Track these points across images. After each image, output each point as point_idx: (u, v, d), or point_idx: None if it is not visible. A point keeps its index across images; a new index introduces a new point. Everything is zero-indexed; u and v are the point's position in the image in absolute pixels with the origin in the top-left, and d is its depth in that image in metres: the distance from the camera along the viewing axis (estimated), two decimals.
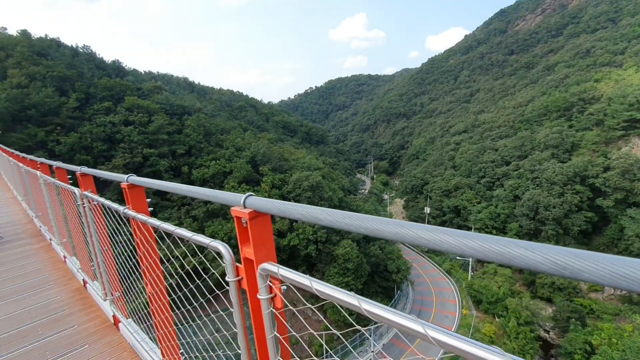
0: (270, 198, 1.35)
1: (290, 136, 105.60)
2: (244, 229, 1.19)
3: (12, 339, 3.17)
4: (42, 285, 4.29)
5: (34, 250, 5.67)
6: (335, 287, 0.87)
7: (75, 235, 4.13)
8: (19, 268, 4.94)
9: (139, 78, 71.87)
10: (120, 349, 2.89)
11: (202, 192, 1.37)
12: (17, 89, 43.15)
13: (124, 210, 2.02)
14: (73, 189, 3.20)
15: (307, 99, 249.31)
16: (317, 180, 48.06)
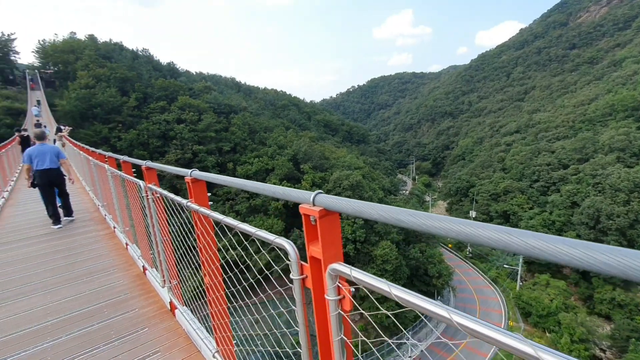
0: None
1: (331, 135, 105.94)
2: (312, 227, 1.17)
3: (83, 317, 3.48)
4: (107, 269, 4.68)
5: (100, 236, 6.20)
6: (419, 295, 0.81)
7: (137, 224, 4.45)
8: (88, 252, 5.43)
9: (191, 79, 76.14)
10: (176, 335, 3.05)
11: (269, 189, 1.37)
12: (85, 89, 47.74)
13: (187, 203, 2.12)
14: (138, 182, 3.44)
15: (348, 97, 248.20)
16: (357, 180, 47.81)
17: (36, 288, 4.25)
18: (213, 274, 2.14)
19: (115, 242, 5.83)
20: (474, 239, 0.66)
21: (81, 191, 10.69)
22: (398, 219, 0.82)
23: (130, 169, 4.32)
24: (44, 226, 7.20)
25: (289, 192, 1.28)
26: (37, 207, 8.86)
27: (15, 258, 5.41)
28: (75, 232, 6.58)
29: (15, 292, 4.18)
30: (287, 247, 1.26)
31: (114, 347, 2.95)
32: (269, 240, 1.33)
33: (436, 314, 0.76)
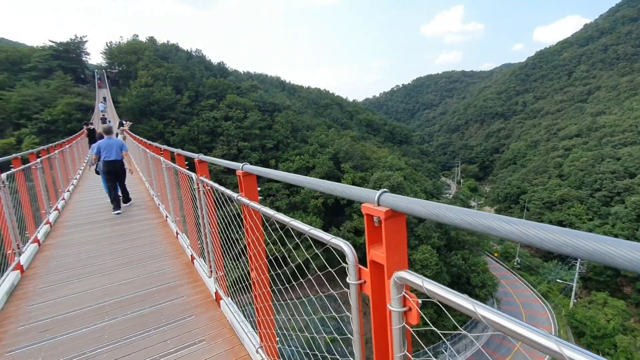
0: None
1: (373, 135, 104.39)
2: (375, 229, 1.07)
3: (137, 300, 3.69)
4: (159, 256, 4.94)
5: (154, 224, 6.60)
6: (514, 320, 0.68)
7: (187, 214, 4.64)
8: (143, 238, 5.79)
9: (239, 78, 79.10)
10: (221, 325, 3.12)
11: (326, 186, 1.29)
12: (145, 88, 51.48)
13: (237, 197, 2.13)
14: (190, 174, 3.57)
15: (392, 97, 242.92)
16: (398, 181, 46.76)
17: (98, 269, 4.60)
18: (260, 269, 2.13)
19: (167, 230, 6.17)
20: None
21: (138, 181, 11.50)
22: (489, 226, 0.70)
23: (184, 161, 4.53)
24: (105, 212, 7.82)
25: (349, 190, 1.19)
26: (100, 194, 9.68)
27: (81, 240, 5.92)
28: (132, 219, 7.07)
29: (81, 272, 4.55)
30: (345, 248, 1.17)
31: (163, 331, 3.08)
32: (324, 239, 1.26)
33: (542, 345, 0.64)
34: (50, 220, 6.93)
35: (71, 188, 10.74)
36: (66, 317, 3.40)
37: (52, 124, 40.60)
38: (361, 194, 1.12)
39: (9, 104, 41.46)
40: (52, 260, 5.03)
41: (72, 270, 4.63)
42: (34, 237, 5.65)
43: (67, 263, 4.89)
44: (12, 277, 4.23)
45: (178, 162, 4.55)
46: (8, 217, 4.51)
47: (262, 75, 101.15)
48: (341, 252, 1.19)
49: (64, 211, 8.14)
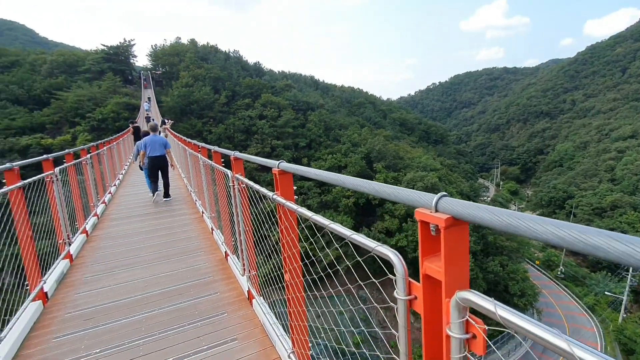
0: None
1: (407, 134, 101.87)
2: (431, 238, 0.93)
3: (174, 294, 3.77)
4: (196, 251, 5.05)
5: (191, 219, 6.79)
6: None
7: (222, 211, 4.70)
8: (181, 233, 5.97)
9: (274, 77, 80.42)
10: (253, 325, 3.09)
11: (372, 187, 1.15)
12: (185, 88, 53.79)
13: (272, 195, 2.06)
14: (226, 171, 3.59)
15: (428, 95, 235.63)
16: (432, 182, 45.33)
17: (139, 261, 4.78)
18: (295, 272, 2.05)
19: (202, 226, 6.31)
20: None
21: (178, 177, 11.98)
22: (593, 245, 0.59)
23: (220, 159, 4.59)
24: (146, 206, 8.19)
25: (401, 193, 1.05)
26: (143, 189, 10.18)
27: (124, 232, 6.22)
28: (171, 214, 7.33)
29: (123, 263, 4.76)
30: (393, 258, 1.04)
31: (197, 327, 3.11)
32: (368, 247, 1.13)
33: None
34: (98, 212, 7.36)
35: (117, 182, 11.39)
36: (108, 307, 3.55)
37: (102, 122, 43.59)
38: (415, 198, 0.97)
39: (66, 104, 45.06)
40: (98, 251, 5.32)
41: (116, 261, 4.85)
42: (82, 228, 6.01)
43: (112, 254, 5.14)
44: (62, 266, 4.50)
45: (215, 159, 4.61)
46: (60, 209, 4.80)
47: (296, 75, 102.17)
48: (389, 262, 1.06)
49: (110, 204, 8.63)
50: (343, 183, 1.37)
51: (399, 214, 41.59)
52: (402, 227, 40.59)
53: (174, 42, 73.51)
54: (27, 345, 2.94)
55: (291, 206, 1.84)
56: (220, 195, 4.58)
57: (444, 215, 0.88)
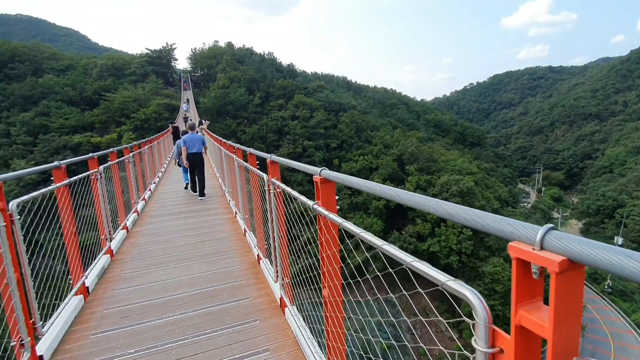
0: None
1: (441, 136, 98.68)
2: (531, 282, 0.73)
3: (206, 296, 3.75)
4: (228, 252, 5.05)
5: (224, 219, 6.85)
6: None
7: (256, 214, 4.64)
8: (214, 233, 6.01)
9: (307, 78, 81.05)
10: (285, 336, 2.97)
11: (449, 210, 0.93)
12: (222, 89, 55.52)
13: (313, 205, 1.91)
14: (262, 174, 3.50)
15: (464, 96, 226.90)
16: (468, 186, 43.58)
17: (174, 260, 4.84)
18: (335, 290, 1.89)
19: (235, 227, 6.33)
20: None
21: (212, 177, 12.26)
22: None
23: (255, 160, 4.53)
24: (183, 204, 8.40)
25: (491, 221, 0.82)
26: (180, 187, 10.51)
27: (161, 230, 6.37)
28: (205, 213, 7.45)
29: (160, 261, 4.84)
30: (472, 299, 0.81)
31: (229, 334, 3.03)
32: (435, 279, 0.93)
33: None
34: (138, 209, 7.63)
35: (157, 180, 11.84)
36: (144, 306, 3.58)
37: (145, 122, 46.03)
38: (506, 229, 0.75)
39: (113, 105, 48.08)
40: (137, 247, 5.47)
41: (153, 258, 4.95)
42: (123, 224, 6.23)
43: (150, 251, 5.26)
44: (103, 261, 4.66)
45: (250, 161, 4.57)
46: (103, 206, 4.98)
47: (328, 76, 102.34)
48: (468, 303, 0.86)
49: (149, 201, 8.95)
50: (400, 198, 1.18)
51: (431, 218, 40.33)
52: (434, 232, 39.34)
53: (212, 45, 76.25)
54: (67, 340, 3.01)
55: (335, 219, 1.68)
56: (254, 197, 4.52)
57: (558, 257, 0.67)
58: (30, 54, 57.59)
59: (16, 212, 2.47)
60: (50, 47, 74.52)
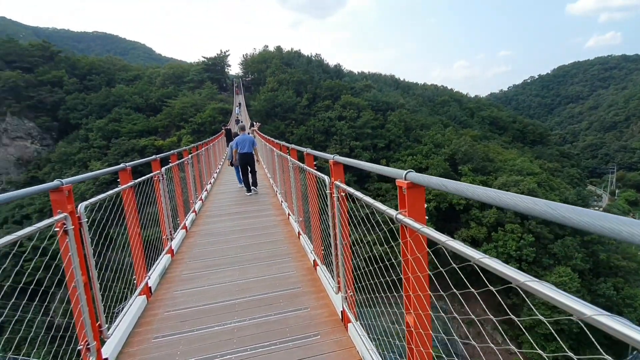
0: None
1: (498, 134, 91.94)
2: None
3: (264, 303, 3.59)
4: (283, 256, 4.90)
5: (277, 221, 6.76)
6: None
7: (313, 218, 4.42)
8: (268, 235, 5.93)
9: (353, 78, 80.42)
10: (349, 355, 2.67)
11: None
12: (271, 92, 57.08)
13: (397, 215, 1.59)
14: (323, 177, 3.25)
15: (524, 90, 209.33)
16: (530, 188, 40.13)
17: (231, 262, 4.80)
18: (422, 320, 1.56)
19: (289, 229, 6.20)
20: None
21: (263, 177, 12.42)
22: None
23: (312, 161, 4.34)
24: (237, 204, 8.52)
25: None
26: (233, 187, 10.77)
27: (218, 230, 6.46)
28: (259, 214, 7.45)
29: (218, 262, 4.84)
30: None
31: (288, 348, 2.82)
32: (511, 277, 0.83)
33: None
34: (196, 209, 7.87)
35: (212, 181, 12.28)
36: (202, 310, 3.52)
37: (201, 125, 48.87)
38: None
39: (174, 110, 51.77)
40: (195, 248, 5.56)
41: (211, 259, 4.97)
42: (183, 223, 6.40)
43: (207, 252, 5.31)
44: (164, 260, 4.76)
45: (307, 162, 4.36)
46: (165, 206, 5.11)
47: (375, 75, 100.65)
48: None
49: (206, 201, 9.24)
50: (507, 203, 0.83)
51: (488, 221, 37.71)
52: (490, 237, 36.71)
53: (262, 50, 78.90)
54: (130, 343, 3.02)
55: (426, 232, 1.35)
56: (310, 200, 4.31)
57: None
58: (105, 66, 64.23)
59: (84, 215, 2.48)
60: (121, 59, 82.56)
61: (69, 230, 2.24)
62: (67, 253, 2.25)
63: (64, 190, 2.28)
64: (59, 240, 2.25)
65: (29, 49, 56.00)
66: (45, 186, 2.20)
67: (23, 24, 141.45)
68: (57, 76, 52.50)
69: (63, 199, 2.28)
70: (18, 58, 52.92)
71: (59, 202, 2.27)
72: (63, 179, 2.34)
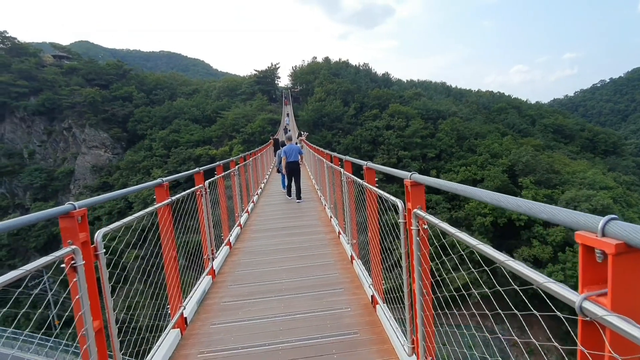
0: None
1: (564, 143, 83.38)
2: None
3: (312, 352, 2.92)
4: (334, 287, 4.11)
5: (326, 240, 6.06)
6: None
7: (371, 243, 3.70)
8: (316, 257, 5.24)
9: (402, 87, 78.50)
10: None
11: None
12: (319, 102, 57.51)
13: None
14: (393, 200, 2.52)
15: (593, 95, 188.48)
16: (604, 204, 35.38)
17: (274, 290, 4.23)
18: None
19: (340, 250, 5.52)
20: None
21: (311, 189, 11.92)
22: None
23: (351, 167, 4.09)
24: (283, 219, 8.03)
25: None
26: (280, 199, 10.42)
27: (262, 248, 5.96)
28: (307, 231, 6.86)
29: (259, 289, 4.29)
30: None
31: None
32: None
33: None
34: (242, 222, 7.52)
35: (259, 192, 12.05)
36: (240, 355, 2.95)
37: (251, 135, 50.55)
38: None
39: (227, 121, 54.29)
40: (238, 268, 5.10)
41: (254, 284, 4.46)
42: (227, 240, 6.01)
43: (250, 275, 4.82)
44: (204, 283, 4.33)
45: (346, 168, 3.74)
46: (207, 222, 4.72)
47: (425, 82, 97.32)
48: None
49: (252, 214, 8.90)
50: None
51: (553, 240, 33.74)
52: (556, 257, 32.76)
53: (310, 61, 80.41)
54: None
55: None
56: (370, 224, 3.59)
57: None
58: (168, 82, 69.74)
59: (102, 245, 2.03)
60: (183, 75, 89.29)
61: (78, 266, 1.78)
62: (75, 294, 1.79)
63: (76, 216, 1.85)
64: (67, 276, 1.81)
65: (105, 68, 62.73)
66: (53, 211, 1.80)
67: (103, 46, 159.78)
68: (128, 91, 57.93)
69: (74, 227, 1.85)
70: (97, 76, 59.44)
71: (69, 230, 1.84)
72: (130, 186, 1.93)
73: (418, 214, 2.00)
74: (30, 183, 47.31)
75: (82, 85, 55.49)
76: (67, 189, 48.45)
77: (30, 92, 51.98)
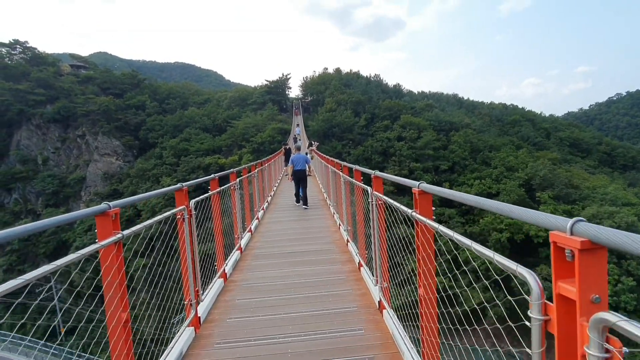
0: None
1: (580, 157, 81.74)
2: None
3: None
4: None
5: (346, 272, 5.74)
6: None
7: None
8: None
9: (413, 98, 78.54)
10: None
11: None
12: (329, 112, 57.82)
13: None
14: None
15: (609, 108, 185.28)
16: (628, 221, 34.14)
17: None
18: None
19: (362, 289, 4.45)
20: None
21: (317, 191, 12.04)
22: None
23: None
24: (290, 240, 7.20)
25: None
26: (288, 202, 10.78)
27: (263, 283, 4.93)
28: (318, 259, 5.76)
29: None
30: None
31: None
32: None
33: None
34: (242, 245, 6.61)
35: (265, 206, 11.46)
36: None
37: (261, 144, 51.02)
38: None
39: (237, 130, 54.98)
40: (231, 314, 3.95)
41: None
42: (221, 271, 4.95)
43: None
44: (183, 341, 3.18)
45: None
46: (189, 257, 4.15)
47: (437, 94, 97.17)
48: None
49: (255, 233, 7.85)
50: None
51: None
52: None
53: (321, 72, 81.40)
54: None
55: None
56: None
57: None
58: (180, 91, 71.37)
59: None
60: (195, 85, 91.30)
61: None
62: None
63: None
64: None
65: (120, 77, 64.65)
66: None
67: (120, 57, 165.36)
68: (141, 100, 59.42)
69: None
70: (112, 85, 61.24)
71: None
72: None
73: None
74: (43, 189, 48.43)
75: (97, 94, 57.21)
76: (78, 196, 49.44)
77: (47, 100, 53.79)
